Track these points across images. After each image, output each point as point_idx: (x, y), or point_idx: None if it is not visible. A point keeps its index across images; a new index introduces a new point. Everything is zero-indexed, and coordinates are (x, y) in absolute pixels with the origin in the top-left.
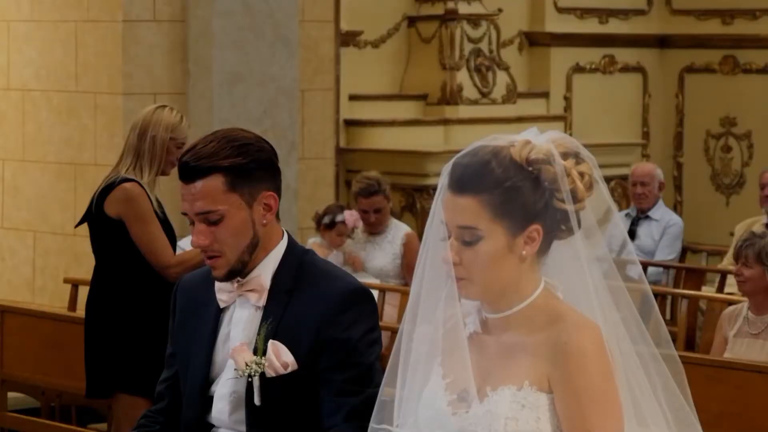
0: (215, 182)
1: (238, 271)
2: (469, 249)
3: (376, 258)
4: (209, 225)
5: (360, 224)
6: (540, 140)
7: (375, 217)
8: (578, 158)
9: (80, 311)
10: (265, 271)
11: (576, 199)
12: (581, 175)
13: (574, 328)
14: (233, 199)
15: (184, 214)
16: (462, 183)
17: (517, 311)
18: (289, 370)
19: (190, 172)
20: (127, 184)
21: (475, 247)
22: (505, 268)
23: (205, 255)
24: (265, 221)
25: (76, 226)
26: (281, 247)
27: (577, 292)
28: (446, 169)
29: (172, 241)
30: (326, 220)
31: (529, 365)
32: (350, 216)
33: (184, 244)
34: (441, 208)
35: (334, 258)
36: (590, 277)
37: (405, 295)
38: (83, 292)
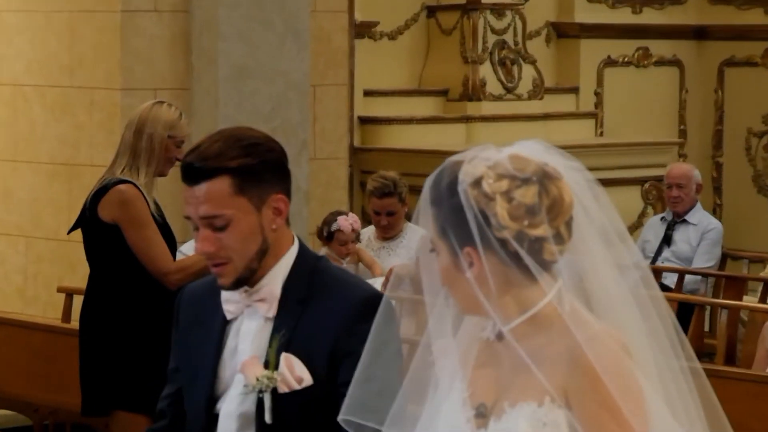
0: (222, 184)
1: (246, 280)
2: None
3: (391, 264)
4: (215, 230)
5: (359, 225)
6: (498, 156)
7: (387, 220)
8: (524, 181)
9: (75, 322)
10: (275, 279)
11: (500, 226)
12: (509, 200)
13: (592, 340)
14: (241, 202)
15: (188, 218)
16: (429, 195)
17: (522, 323)
18: (304, 385)
19: (194, 174)
20: (122, 186)
21: (438, 263)
22: (463, 287)
23: (211, 262)
24: (275, 226)
25: (70, 231)
26: (292, 253)
27: (600, 302)
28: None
29: (172, 246)
30: (324, 233)
31: (547, 380)
32: (344, 221)
33: (186, 250)
34: None
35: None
36: (614, 286)
37: (423, 304)
38: (78, 301)
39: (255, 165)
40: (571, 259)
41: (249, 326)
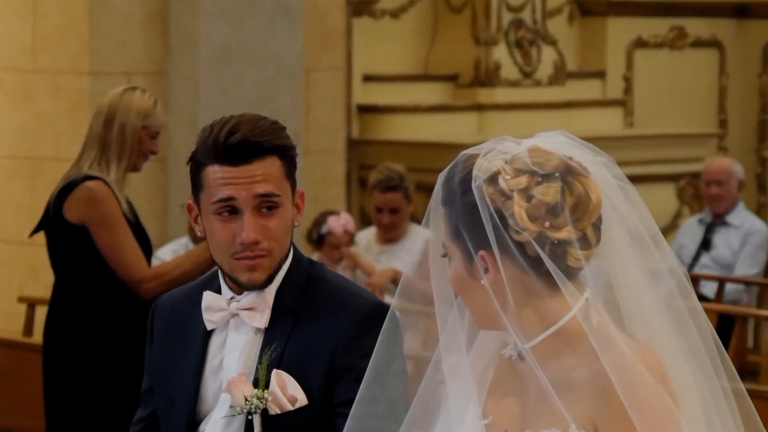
0: (274, 164)
1: (271, 279)
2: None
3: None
4: (265, 214)
5: (352, 226)
6: (517, 149)
7: (389, 218)
8: (545, 177)
9: (38, 335)
10: (269, 286)
11: (518, 227)
12: (528, 198)
13: (620, 366)
14: (286, 188)
15: (224, 200)
16: (441, 193)
17: (545, 341)
18: (297, 405)
19: (249, 150)
20: (90, 183)
21: (450, 268)
22: (477, 296)
23: (251, 254)
24: (297, 223)
25: (32, 234)
26: (287, 258)
27: (632, 314)
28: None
29: (147, 250)
30: (314, 236)
31: (573, 406)
32: (335, 221)
33: (163, 255)
34: None
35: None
36: (647, 296)
37: (432, 317)
38: (41, 312)
39: (294, 150)
40: (599, 265)
41: (236, 339)
